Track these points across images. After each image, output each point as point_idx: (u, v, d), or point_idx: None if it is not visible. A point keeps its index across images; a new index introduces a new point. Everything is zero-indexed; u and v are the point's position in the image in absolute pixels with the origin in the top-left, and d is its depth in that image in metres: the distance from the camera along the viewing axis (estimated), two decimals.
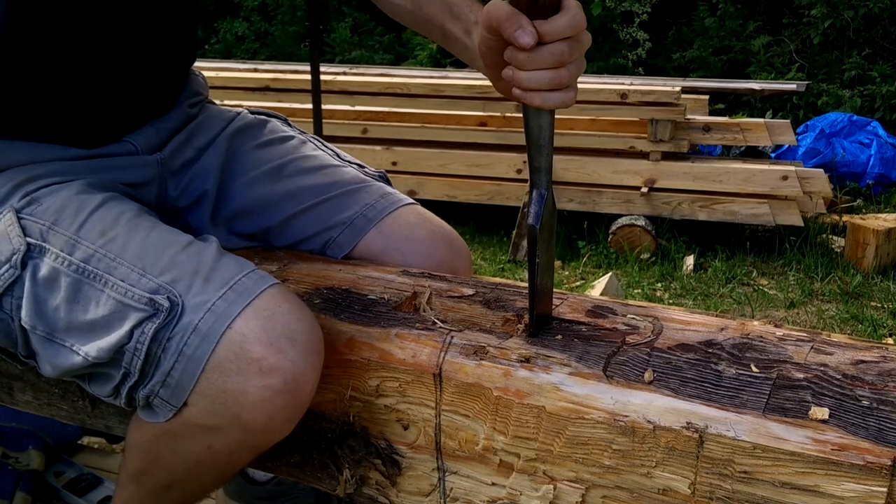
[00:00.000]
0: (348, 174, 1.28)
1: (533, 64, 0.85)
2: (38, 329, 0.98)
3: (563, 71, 0.85)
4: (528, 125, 0.90)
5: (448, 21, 1.03)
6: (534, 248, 0.93)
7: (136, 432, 1.01)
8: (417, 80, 4.63)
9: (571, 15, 0.84)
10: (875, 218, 4.00)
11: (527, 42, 0.83)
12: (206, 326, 0.91)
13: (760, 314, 3.36)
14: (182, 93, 1.27)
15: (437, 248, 1.23)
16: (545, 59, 0.84)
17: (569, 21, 0.84)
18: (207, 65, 5.57)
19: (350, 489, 1.03)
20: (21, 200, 1.03)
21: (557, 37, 0.84)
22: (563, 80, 0.86)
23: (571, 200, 4.16)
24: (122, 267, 0.96)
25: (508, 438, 0.90)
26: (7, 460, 1.66)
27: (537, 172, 0.92)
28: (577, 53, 0.86)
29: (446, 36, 1.06)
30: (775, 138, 4.07)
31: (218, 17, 8.75)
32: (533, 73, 0.85)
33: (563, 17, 0.84)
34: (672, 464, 0.82)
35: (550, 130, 0.90)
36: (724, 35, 7.02)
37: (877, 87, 6.22)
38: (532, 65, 0.85)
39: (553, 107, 0.87)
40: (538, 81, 0.85)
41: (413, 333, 0.97)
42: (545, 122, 0.89)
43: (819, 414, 0.78)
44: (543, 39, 0.83)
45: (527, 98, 0.87)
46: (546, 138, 0.90)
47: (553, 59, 0.84)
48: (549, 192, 0.93)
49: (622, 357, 0.90)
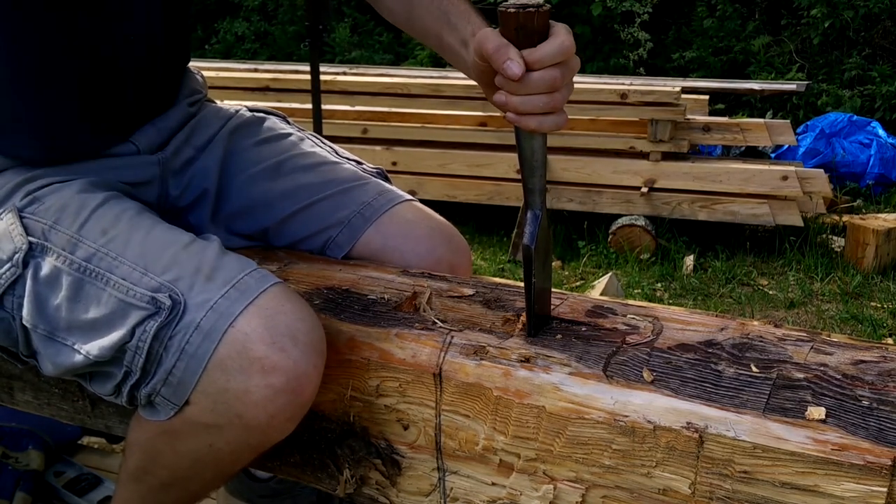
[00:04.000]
0: (346, 171, 1.28)
1: (526, 89, 0.86)
2: (39, 328, 0.99)
3: (556, 95, 0.87)
4: (521, 147, 0.91)
5: (445, 31, 1.04)
6: (529, 268, 0.94)
7: (136, 430, 1.02)
8: (417, 80, 4.63)
9: (560, 41, 0.86)
10: (875, 218, 4.00)
11: (514, 74, 0.85)
12: (209, 325, 0.91)
13: (760, 314, 3.36)
14: (181, 91, 1.27)
15: (435, 245, 1.23)
16: (538, 84, 0.86)
17: (558, 47, 0.86)
18: (207, 65, 5.56)
19: (350, 489, 1.03)
20: (23, 199, 1.03)
21: (547, 63, 0.86)
22: (556, 105, 0.88)
23: (571, 200, 4.16)
24: (124, 266, 0.96)
25: (508, 438, 0.90)
26: (7, 460, 1.66)
27: (531, 193, 0.94)
28: (568, 78, 0.88)
29: (442, 46, 1.06)
30: (775, 138, 4.07)
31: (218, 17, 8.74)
32: (527, 98, 0.87)
33: (552, 44, 0.86)
34: (672, 464, 0.82)
35: (543, 152, 0.92)
36: (724, 35, 7.02)
37: (877, 87, 6.21)
38: (525, 90, 0.86)
39: (548, 130, 0.89)
40: (532, 106, 0.87)
41: (413, 333, 0.97)
42: (537, 145, 0.91)
43: (816, 414, 0.78)
44: (533, 67, 0.85)
45: (522, 122, 0.88)
46: (539, 160, 0.92)
47: (545, 84, 0.86)
48: (543, 212, 0.94)
49: (622, 357, 0.90)
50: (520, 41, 0.85)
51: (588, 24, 6.59)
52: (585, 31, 6.59)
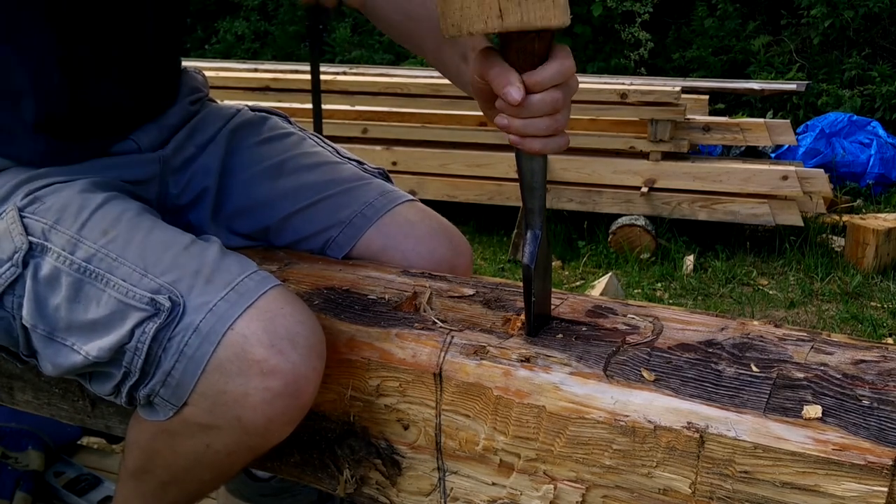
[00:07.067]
0: (347, 171, 1.28)
1: (528, 112, 0.86)
2: (38, 328, 0.99)
3: (558, 117, 0.87)
4: (521, 169, 0.91)
5: (445, 45, 1.03)
6: (529, 287, 0.94)
7: (135, 430, 1.02)
8: (417, 80, 4.63)
9: (560, 63, 0.85)
10: (875, 218, 4.00)
11: (515, 99, 0.84)
12: (208, 327, 0.91)
13: (760, 314, 3.36)
14: (182, 90, 1.26)
15: (436, 246, 1.22)
16: (539, 107, 0.85)
17: (558, 69, 0.85)
18: (207, 65, 5.56)
19: (350, 489, 1.03)
20: (24, 199, 1.03)
21: (548, 86, 0.85)
22: (559, 126, 0.87)
23: (571, 200, 4.16)
24: (124, 266, 0.96)
25: (509, 438, 0.90)
26: (7, 460, 1.66)
27: (531, 213, 0.93)
28: (569, 99, 0.88)
29: (441, 60, 1.06)
30: (775, 138, 4.07)
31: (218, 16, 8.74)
32: (529, 122, 0.86)
33: (552, 66, 0.85)
34: (672, 464, 0.82)
35: (543, 173, 0.92)
36: (724, 35, 7.02)
37: (877, 87, 6.22)
38: (527, 113, 0.86)
39: (551, 152, 0.88)
40: (535, 129, 0.86)
41: (413, 333, 0.97)
42: (537, 167, 0.91)
43: (812, 412, 0.78)
44: (534, 90, 0.85)
45: (525, 145, 0.87)
46: (538, 181, 0.92)
47: (547, 107, 0.85)
48: (543, 232, 0.94)
49: (622, 357, 0.90)
50: (520, 63, 0.85)
51: (588, 24, 6.59)
52: (586, 30, 6.59)
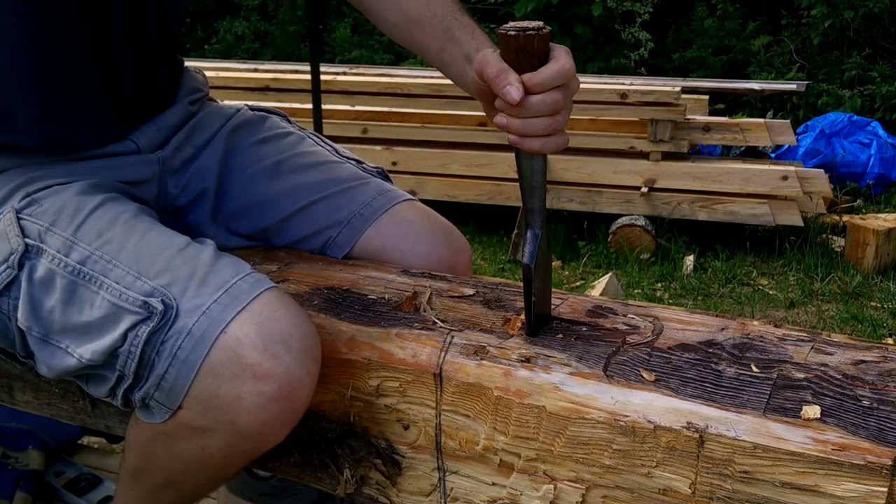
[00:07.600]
0: (346, 171, 1.28)
1: (527, 113, 0.87)
2: (33, 330, 0.98)
3: (557, 117, 0.88)
4: (521, 168, 0.92)
5: (448, 46, 1.04)
6: (529, 286, 0.94)
7: (134, 431, 1.02)
8: (417, 80, 4.62)
9: (560, 64, 0.86)
10: (875, 218, 4.00)
11: (514, 99, 0.85)
12: (200, 330, 0.90)
13: (760, 314, 3.36)
14: (181, 90, 1.26)
15: (435, 245, 1.22)
16: (539, 108, 0.87)
17: (558, 71, 0.86)
18: (207, 65, 5.55)
19: (350, 489, 1.03)
20: (22, 201, 1.03)
21: (548, 87, 0.86)
22: (558, 127, 0.88)
23: (571, 200, 4.16)
24: (118, 269, 0.96)
25: (509, 438, 0.90)
26: (7, 460, 1.65)
27: (531, 213, 0.94)
28: (569, 100, 0.89)
29: (444, 61, 1.07)
30: (775, 138, 4.06)
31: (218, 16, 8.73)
32: (528, 121, 0.87)
33: (552, 67, 0.86)
34: (672, 464, 0.82)
35: (543, 173, 0.92)
36: (724, 35, 7.01)
37: (877, 87, 6.21)
38: (526, 113, 0.87)
39: (550, 152, 0.89)
40: (534, 129, 0.88)
41: (413, 333, 0.97)
42: (537, 166, 0.91)
43: (811, 412, 0.78)
44: (534, 91, 0.86)
45: (524, 144, 0.89)
46: (538, 180, 0.92)
47: (546, 107, 0.87)
48: (543, 231, 0.95)
49: (622, 357, 0.90)
50: (520, 64, 0.86)
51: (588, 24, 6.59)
52: (586, 31, 6.58)
